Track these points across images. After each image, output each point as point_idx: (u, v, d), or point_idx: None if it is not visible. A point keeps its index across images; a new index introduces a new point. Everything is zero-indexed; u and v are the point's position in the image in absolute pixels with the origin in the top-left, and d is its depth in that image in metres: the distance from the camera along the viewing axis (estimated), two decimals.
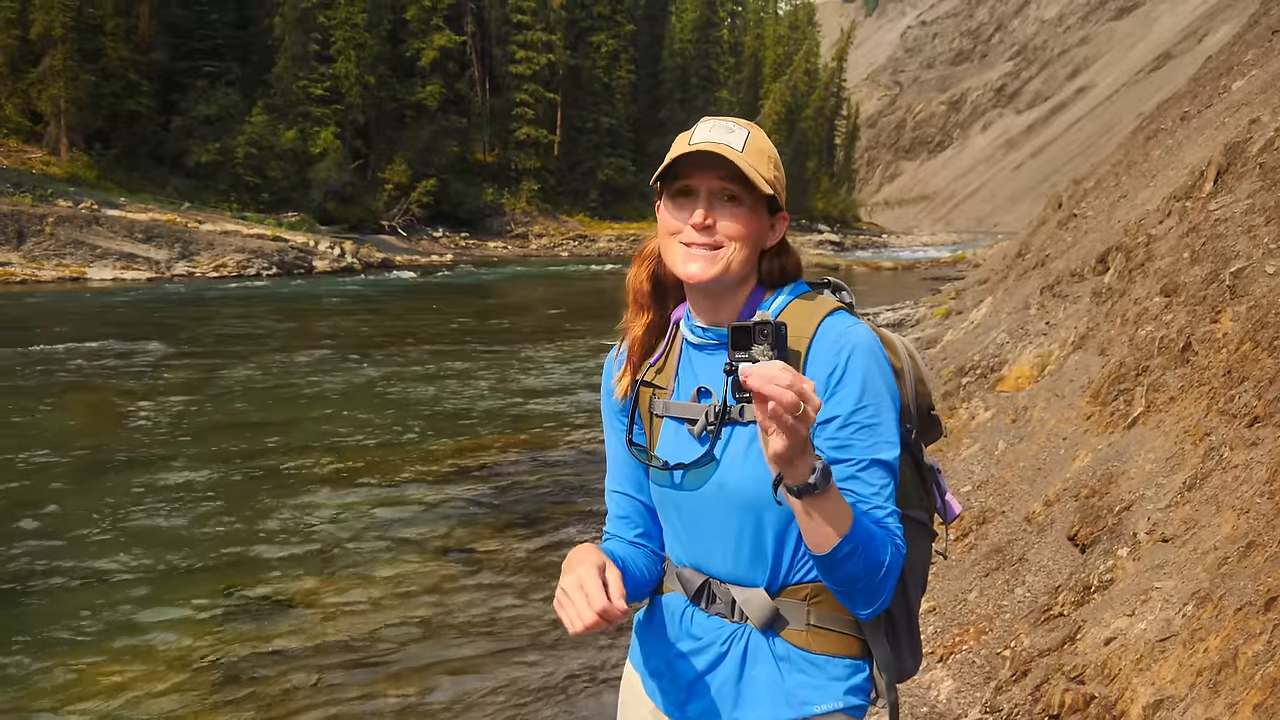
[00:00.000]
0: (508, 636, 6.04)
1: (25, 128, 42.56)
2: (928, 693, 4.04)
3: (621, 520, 1.93)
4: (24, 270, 30.48)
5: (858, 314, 1.81)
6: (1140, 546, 3.78)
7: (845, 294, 1.85)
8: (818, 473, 1.44)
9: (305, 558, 7.33)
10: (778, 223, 1.78)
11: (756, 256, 1.76)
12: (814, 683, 1.72)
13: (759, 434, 1.45)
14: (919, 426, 1.84)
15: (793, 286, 1.80)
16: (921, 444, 1.86)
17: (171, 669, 5.57)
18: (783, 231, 1.79)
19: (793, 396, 1.35)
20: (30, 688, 5.33)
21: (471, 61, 63.55)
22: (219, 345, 18.16)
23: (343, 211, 50.72)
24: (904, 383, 1.80)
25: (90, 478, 9.24)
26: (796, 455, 1.42)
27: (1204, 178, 6.75)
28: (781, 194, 1.76)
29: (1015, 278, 12.85)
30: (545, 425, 11.85)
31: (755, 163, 1.70)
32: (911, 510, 1.80)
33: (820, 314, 1.72)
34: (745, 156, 1.69)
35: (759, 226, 1.74)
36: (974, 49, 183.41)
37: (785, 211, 1.79)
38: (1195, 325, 4.92)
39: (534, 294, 33.31)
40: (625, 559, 1.82)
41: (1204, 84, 14.22)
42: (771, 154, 1.75)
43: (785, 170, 1.83)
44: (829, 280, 1.86)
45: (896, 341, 1.85)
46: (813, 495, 1.46)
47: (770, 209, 1.76)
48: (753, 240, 1.73)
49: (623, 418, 1.91)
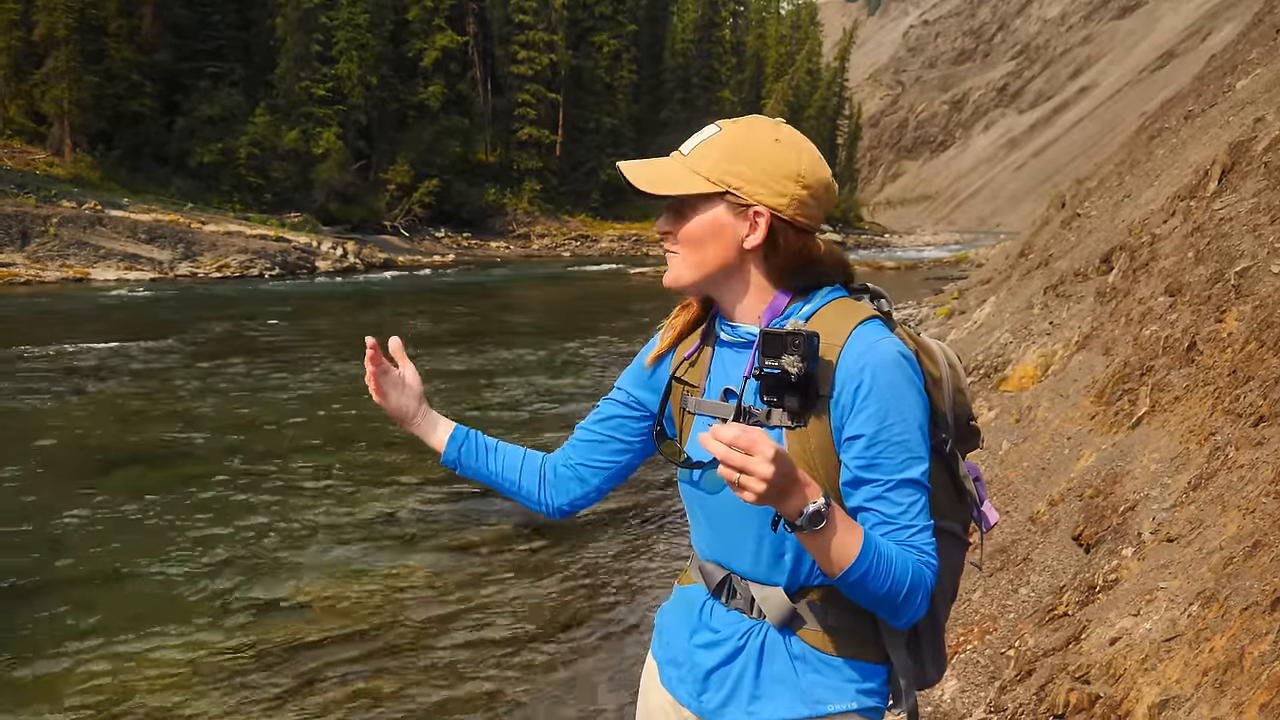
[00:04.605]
0: (525, 631, 6.06)
1: (29, 129, 42.66)
2: (932, 692, 4.03)
3: (573, 444, 2.01)
4: (28, 271, 30.50)
5: (895, 321, 1.75)
6: (1145, 546, 3.77)
7: (883, 301, 1.78)
8: (805, 516, 1.46)
9: (315, 556, 7.34)
10: (754, 219, 1.67)
11: (731, 260, 1.70)
12: (829, 683, 1.71)
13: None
14: (955, 436, 1.80)
15: (827, 290, 1.74)
16: (958, 454, 1.83)
17: (183, 668, 5.58)
18: (760, 227, 1.67)
19: (736, 463, 1.40)
20: (42, 687, 5.34)
21: (473, 62, 63.58)
22: (224, 345, 18.17)
23: (345, 212, 50.78)
24: (942, 391, 1.76)
25: (97, 477, 9.25)
26: (775, 502, 1.45)
27: (1208, 177, 6.75)
28: (745, 187, 1.66)
29: (1018, 277, 12.84)
30: (560, 428, 11.84)
31: (695, 162, 1.68)
32: (943, 521, 1.78)
33: (853, 322, 1.66)
34: (687, 158, 1.69)
35: (705, 229, 1.68)
36: (976, 48, 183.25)
37: (760, 206, 1.66)
38: (1200, 325, 4.92)
39: (537, 294, 33.32)
40: (500, 448, 2.00)
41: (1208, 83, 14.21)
42: (732, 147, 1.67)
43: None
44: (866, 285, 1.80)
45: (937, 350, 1.80)
46: (804, 533, 1.49)
47: (745, 206, 1.67)
48: (698, 242, 1.69)
49: (645, 397, 1.94)
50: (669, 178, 1.69)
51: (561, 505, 2.02)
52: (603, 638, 6.00)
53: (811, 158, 1.71)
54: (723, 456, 1.41)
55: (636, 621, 6.20)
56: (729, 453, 1.41)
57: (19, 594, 6.58)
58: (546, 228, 62.07)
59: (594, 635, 6.02)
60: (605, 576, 6.93)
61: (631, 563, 7.22)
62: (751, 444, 1.40)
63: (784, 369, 1.56)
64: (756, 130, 1.71)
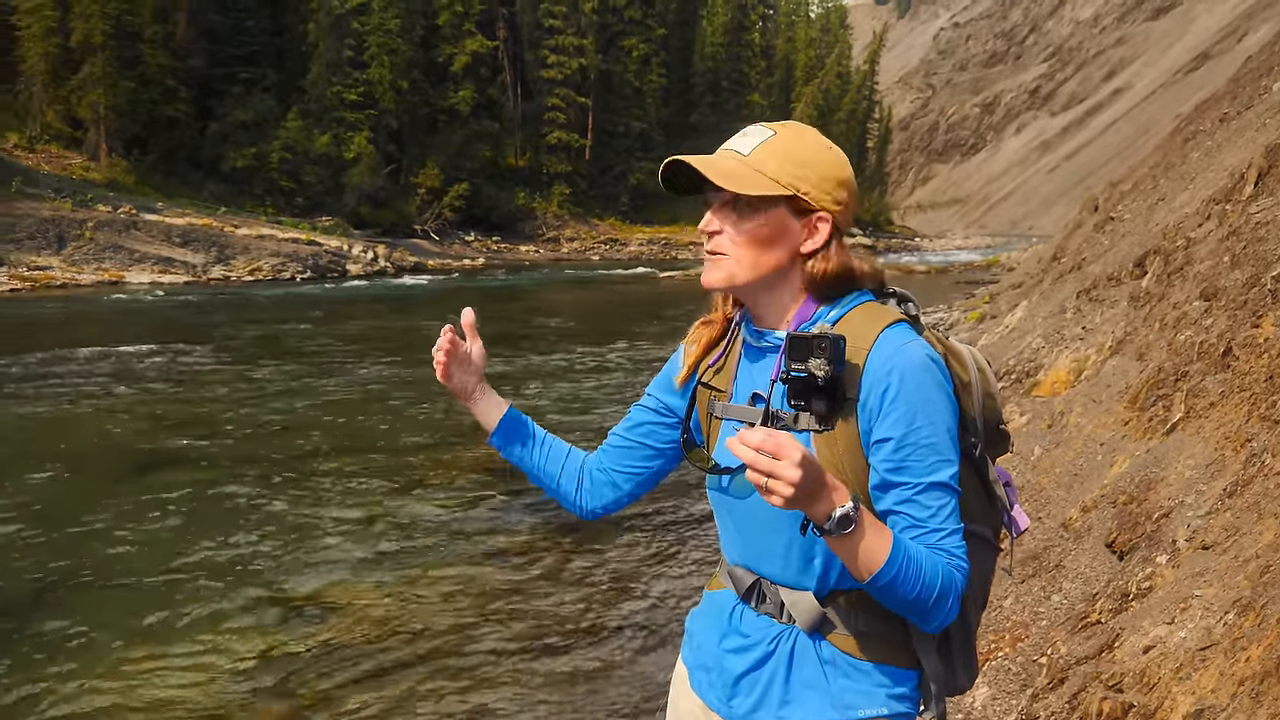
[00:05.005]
0: (552, 636, 6.06)
1: (66, 134, 43.29)
2: (963, 699, 4.01)
3: (606, 450, 2.04)
4: (64, 274, 30.89)
5: (922, 325, 1.75)
6: (1180, 554, 3.73)
7: (911, 305, 1.78)
8: (833, 520, 1.48)
9: (342, 560, 7.38)
10: (816, 225, 1.71)
11: (779, 262, 1.72)
12: (859, 688, 1.71)
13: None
14: (984, 440, 1.80)
15: (854, 295, 1.74)
16: (988, 458, 1.82)
17: (216, 669, 5.62)
18: (824, 233, 1.71)
19: (763, 467, 1.42)
20: (76, 686, 5.40)
21: (503, 66, 63.85)
22: (256, 348, 18.34)
23: (376, 216, 51.13)
24: (971, 396, 1.75)
25: (128, 479, 9.35)
26: (802, 506, 1.46)
27: (1244, 180, 6.67)
28: (813, 193, 1.69)
29: (1051, 282, 12.74)
30: (590, 430, 11.85)
31: (760, 164, 1.67)
32: (974, 525, 1.77)
33: (880, 326, 1.67)
34: (747, 160, 1.67)
35: (768, 229, 1.69)
36: (1008, 51, 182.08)
37: (824, 212, 1.71)
38: (1236, 330, 4.86)
39: (568, 298, 33.36)
40: (547, 441, 2.04)
41: (1244, 85, 14.05)
42: (798, 154, 1.69)
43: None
44: (894, 290, 1.80)
45: (966, 354, 1.80)
46: (832, 537, 1.50)
47: (799, 210, 1.70)
48: (757, 245, 1.69)
49: (675, 403, 1.95)
50: (739, 176, 1.67)
51: (594, 508, 2.04)
52: (631, 643, 6.00)
53: (851, 167, 1.77)
54: (750, 461, 1.42)
55: (666, 627, 6.19)
56: (756, 457, 1.42)
57: (46, 592, 6.65)
58: (576, 231, 62.22)
59: (623, 641, 6.02)
60: (633, 582, 6.93)
61: (659, 568, 7.22)
62: (778, 448, 1.41)
63: (811, 372, 1.57)
64: (809, 136, 1.74)
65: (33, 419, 11.86)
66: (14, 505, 8.44)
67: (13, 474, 9.34)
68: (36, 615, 6.30)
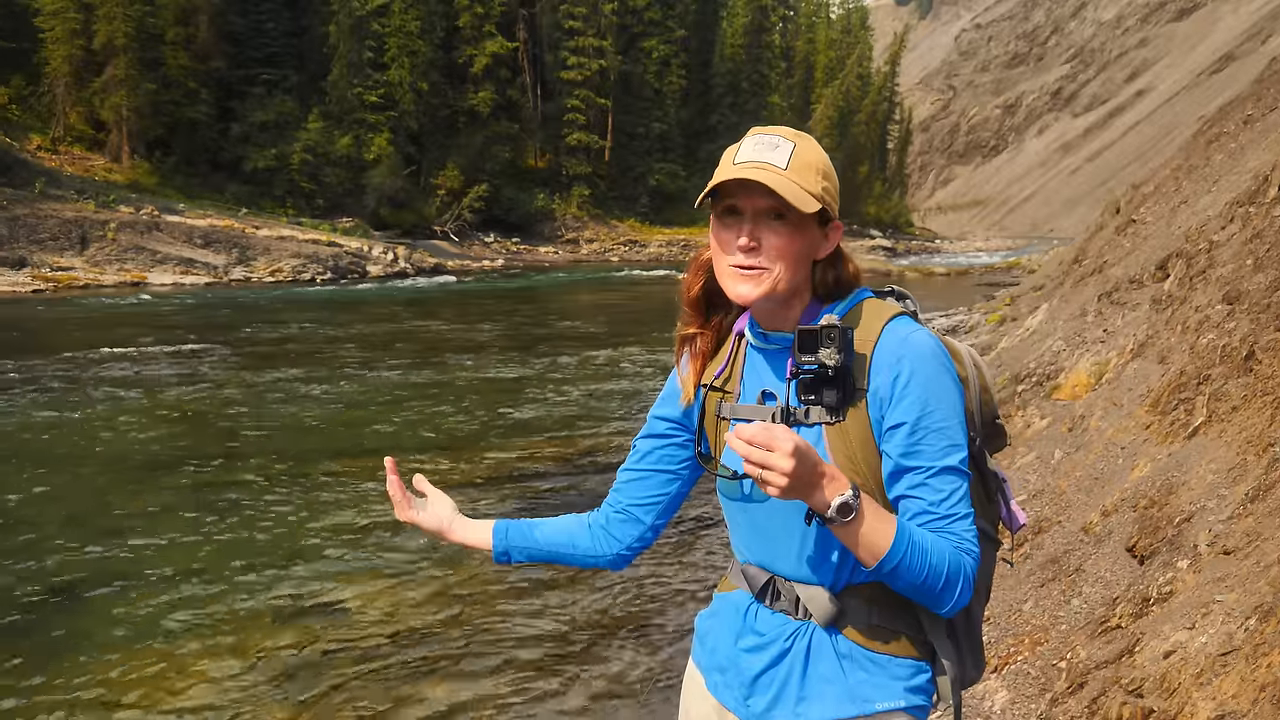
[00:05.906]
0: (562, 639, 6.06)
1: (88, 136, 43.71)
2: (982, 703, 3.99)
3: (617, 489, 2.05)
4: (87, 274, 31.17)
5: (921, 320, 1.80)
6: (1201, 559, 3.71)
7: (909, 301, 1.85)
8: (834, 508, 1.52)
9: (356, 561, 7.41)
10: (830, 233, 1.77)
11: (808, 269, 1.76)
12: (875, 681, 1.73)
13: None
14: (983, 435, 1.84)
15: (855, 293, 1.79)
16: (986, 452, 1.86)
17: (225, 669, 5.65)
18: (836, 240, 1.78)
19: (757, 459, 1.47)
20: (77, 686, 5.44)
21: (523, 67, 63.98)
22: (276, 349, 18.44)
23: (396, 217, 51.37)
24: (969, 391, 1.80)
25: (149, 478, 9.41)
26: (801, 495, 1.51)
27: (1268, 182, 6.62)
28: (833, 204, 1.74)
29: (1072, 284, 12.67)
30: (612, 435, 11.86)
31: (801, 178, 1.69)
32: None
33: (884, 318, 1.72)
34: (789, 174, 1.68)
35: (806, 241, 1.72)
36: (1030, 52, 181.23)
37: (839, 221, 1.77)
38: (1259, 333, 4.83)
39: (588, 299, 33.39)
40: (543, 523, 2.07)
41: (1268, 86, 13.95)
42: (820, 165, 1.73)
43: (838, 176, 1.82)
44: (892, 288, 1.86)
45: (961, 350, 1.85)
46: (835, 525, 1.55)
47: (822, 219, 1.74)
48: (800, 257, 1.72)
49: (683, 421, 1.96)
50: (799, 195, 1.67)
51: (620, 551, 2.04)
52: (641, 647, 5.99)
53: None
54: (744, 454, 1.48)
55: (674, 630, 6.18)
56: (750, 450, 1.47)
57: (69, 593, 6.71)
58: (595, 233, 62.28)
59: (632, 644, 6.00)
60: (641, 586, 6.91)
61: (667, 571, 7.20)
62: (770, 440, 1.46)
63: (821, 362, 1.62)
64: (817, 145, 1.78)
65: (51, 421, 11.95)
66: (24, 505, 8.53)
67: (28, 474, 9.44)
68: (39, 615, 6.35)
